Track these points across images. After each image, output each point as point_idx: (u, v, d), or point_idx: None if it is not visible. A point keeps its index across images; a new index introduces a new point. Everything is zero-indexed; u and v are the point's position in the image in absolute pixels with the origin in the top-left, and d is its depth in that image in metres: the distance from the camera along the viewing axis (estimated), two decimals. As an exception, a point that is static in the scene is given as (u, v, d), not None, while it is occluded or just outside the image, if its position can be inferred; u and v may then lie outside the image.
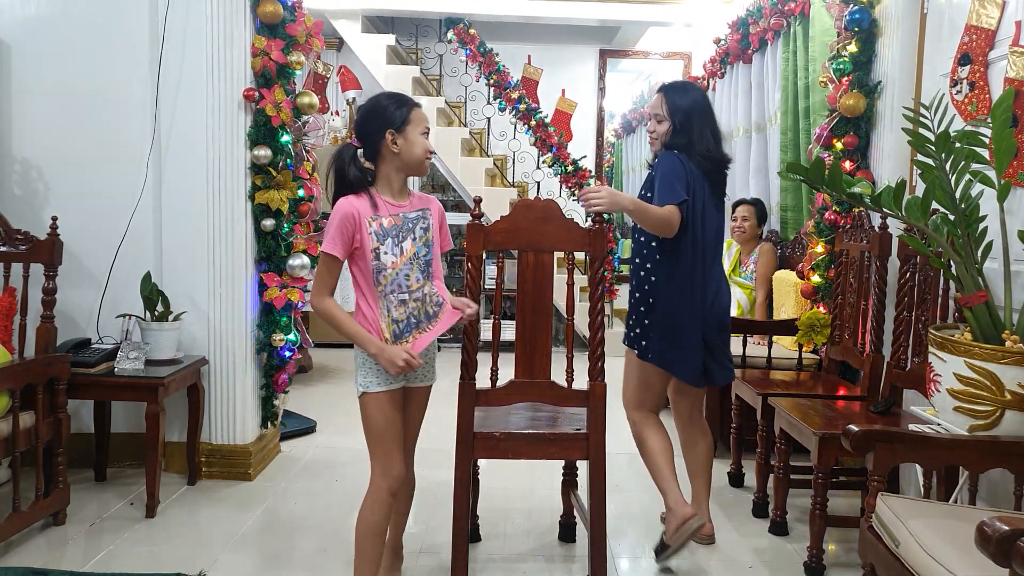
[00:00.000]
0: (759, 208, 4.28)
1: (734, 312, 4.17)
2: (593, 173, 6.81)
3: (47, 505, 2.63)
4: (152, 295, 2.99)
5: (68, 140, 3.13)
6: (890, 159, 3.16)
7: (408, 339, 2.07)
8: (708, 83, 5.64)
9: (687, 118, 2.52)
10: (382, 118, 2.03)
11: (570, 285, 2.30)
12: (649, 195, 2.48)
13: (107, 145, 3.13)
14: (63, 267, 2.84)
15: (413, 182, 6.87)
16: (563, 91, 6.57)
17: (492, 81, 6.24)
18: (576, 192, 6.04)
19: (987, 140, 2.00)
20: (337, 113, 6.72)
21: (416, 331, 2.08)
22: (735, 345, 3.63)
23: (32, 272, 2.81)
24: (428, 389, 2.21)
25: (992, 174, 2.02)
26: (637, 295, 2.56)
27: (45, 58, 3.12)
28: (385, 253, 2.04)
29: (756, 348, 3.73)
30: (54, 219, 2.80)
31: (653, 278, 2.51)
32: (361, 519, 2.09)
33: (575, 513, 2.69)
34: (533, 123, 6.16)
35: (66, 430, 2.70)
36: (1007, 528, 1.19)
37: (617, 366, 2.52)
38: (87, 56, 3.11)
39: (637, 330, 2.55)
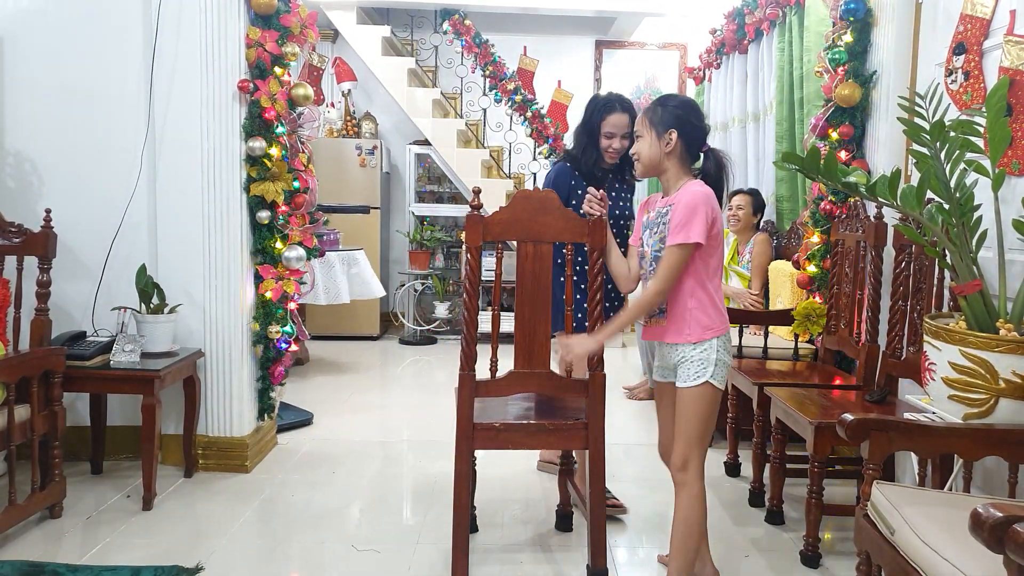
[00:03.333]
0: (756, 198, 4.27)
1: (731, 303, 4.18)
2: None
3: (43, 498, 2.63)
4: (147, 287, 2.98)
5: (62, 133, 3.12)
6: (885, 148, 3.16)
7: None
8: (704, 73, 5.63)
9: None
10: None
11: (569, 276, 2.30)
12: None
13: (101, 137, 3.12)
14: (58, 260, 2.83)
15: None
16: (559, 82, 6.56)
17: (488, 72, 6.22)
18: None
19: (982, 129, 2.00)
20: (332, 105, 6.70)
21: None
22: (731, 335, 3.65)
23: (26, 265, 2.80)
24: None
25: (987, 163, 2.02)
26: None
27: (38, 51, 3.10)
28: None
29: (752, 338, 3.73)
30: (48, 212, 2.79)
31: None
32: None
33: (572, 503, 2.70)
34: (529, 114, 6.15)
35: (62, 423, 2.70)
36: (1000, 514, 1.19)
37: (614, 355, 2.52)
38: (80, 48, 3.10)
39: None
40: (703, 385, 2.07)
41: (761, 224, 4.43)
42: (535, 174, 6.41)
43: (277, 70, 3.20)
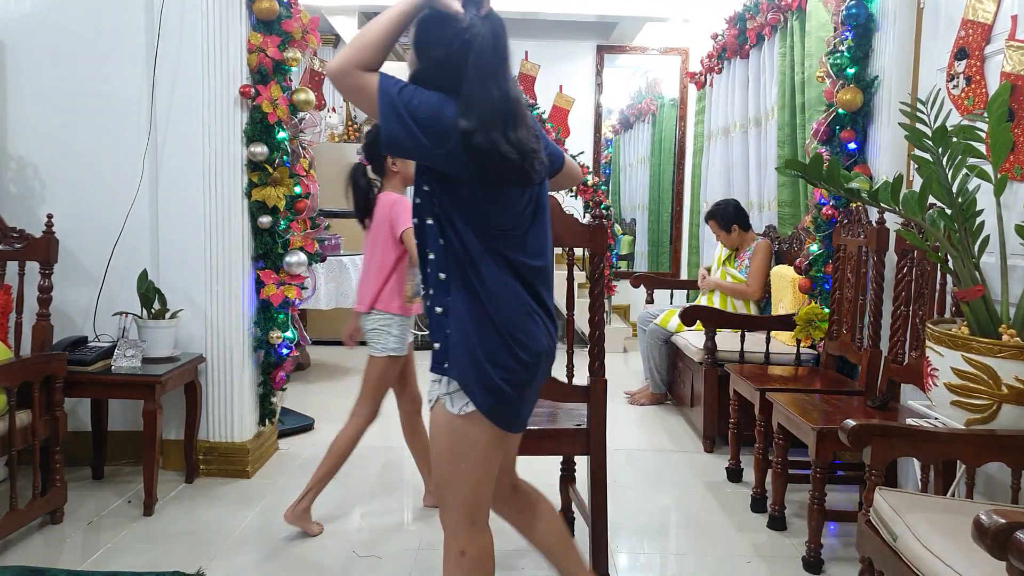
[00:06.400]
0: (719, 219, 4.27)
1: (725, 306, 4.17)
2: (591, 169, 6.81)
3: (44, 504, 2.63)
4: (149, 293, 2.98)
5: (64, 137, 3.12)
6: (887, 154, 3.16)
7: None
8: (706, 78, 5.63)
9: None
10: None
11: (570, 281, 2.30)
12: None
13: (103, 142, 3.12)
14: (59, 265, 2.84)
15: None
16: (560, 87, 6.57)
17: (489, 77, 6.22)
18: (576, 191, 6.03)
19: (983, 135, 2.00)
20: (333, 109, 6.71)
21: None
22: (734, 339, 3.64)
23: (28, 270, 2.80)
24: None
25: (989, 168, 2.02)
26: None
27: (41, 55, 3.11)
28: None
29: (754, 343, 3.73)
30: (50, 217, 2.79)
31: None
32: None
33: (573, 508, 2.69)
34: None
35: (63, 428, 2.70)
36: (1003, 521, 1.19)
37: (616, 361, 2.52)
38: (83, 53, 3.10)
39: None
40: None
41: (763, 231, 4.43)
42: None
43: (279, 75, 3.21)
